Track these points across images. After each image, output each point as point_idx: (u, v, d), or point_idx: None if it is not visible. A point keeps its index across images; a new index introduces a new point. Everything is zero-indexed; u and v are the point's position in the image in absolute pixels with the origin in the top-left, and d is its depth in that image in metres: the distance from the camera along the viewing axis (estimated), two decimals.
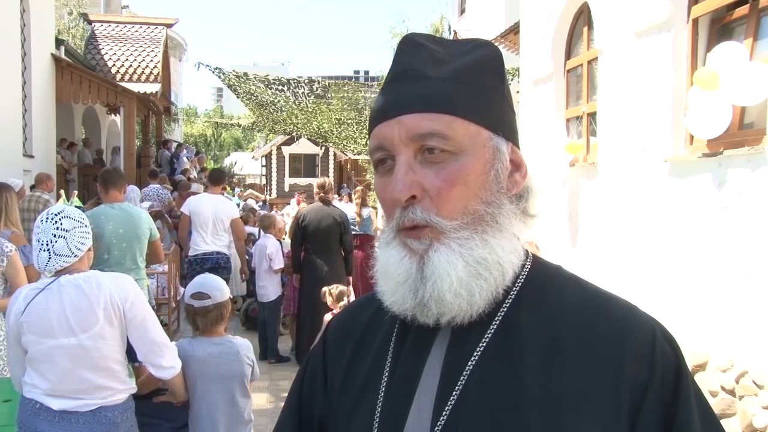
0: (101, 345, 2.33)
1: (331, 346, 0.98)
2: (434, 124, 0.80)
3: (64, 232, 2.37)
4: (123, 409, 2.43)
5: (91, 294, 2.33)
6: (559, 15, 6.44)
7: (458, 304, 0.79)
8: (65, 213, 2.42)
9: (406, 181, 0.80)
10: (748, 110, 4.02)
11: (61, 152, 11.67)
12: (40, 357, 2.33)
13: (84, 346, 2.31)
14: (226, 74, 14.18)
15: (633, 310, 0.83)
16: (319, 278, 6.29)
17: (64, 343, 2.30)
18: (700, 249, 4.22)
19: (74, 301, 2.31)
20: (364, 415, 0.86)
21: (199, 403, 2.77)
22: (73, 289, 2.33)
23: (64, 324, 2.30)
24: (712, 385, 4.01)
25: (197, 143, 39.10)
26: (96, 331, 2.32)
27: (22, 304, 2.35)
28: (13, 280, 3.55)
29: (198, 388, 2.75)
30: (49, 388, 2.32)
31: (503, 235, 0.82)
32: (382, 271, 0.86)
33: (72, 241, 2.38)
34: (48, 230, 2.37)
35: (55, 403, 2.31)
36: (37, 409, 2.34)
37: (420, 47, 0.86)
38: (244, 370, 2.84)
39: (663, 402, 0.76)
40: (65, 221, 2.39)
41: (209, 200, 6.47)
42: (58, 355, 2.31)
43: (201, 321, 2.85)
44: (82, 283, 2.34)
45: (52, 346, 2.31)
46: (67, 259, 2.37)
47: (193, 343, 2.85)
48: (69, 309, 2.31)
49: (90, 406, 2.34)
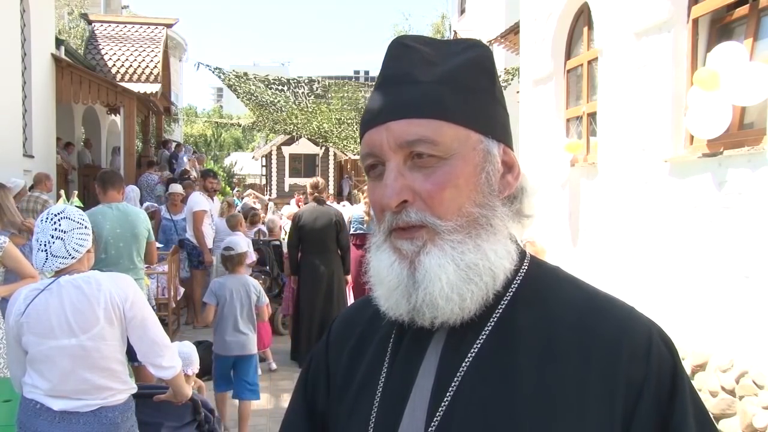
0: (102, 345, 2.33)
1: (333, 344, 0.99)
2: (422, 130, 0.80)
3: (62, 233, 2.37)
4: (123, 410, 2.43)
5: (91, 294, 2.33)
6: (559, 15, 6.44)
7: (450, 308, 0.79)
8: (65, 214, 2.41)
9: (395, 187, 0.80)
10: (748, 110, 4.02)
11: (60, 153, 11.66)
12: (40, 358, 2.33)
13: (84, 347, 2.31)
14: (226, 74, 14.16)
15: (630, 311, 0.83)
16: (316, 279, 6.30)
17: (64, 343, 2.30)
18: (700, 249, 4.22)
19: (74, 301, 2.31)
20: (360, 415, 0.86)
21: (227, 312, 4.58)
22: (73, 290, 2.33)
23: (64, 325, 2.30)
24: (712, 385, 4.01)
25: (197, 143, 39.09)
26: (96, 332, 2.32)
27: (22, 305, 2.35)
28: (17, 270, 3.57)
29: (227, 305, 4.59)
30: (50, 388, 2.32)
31: (497, 239, 0.82)
32: (375, 275, 0.86)
33: (69, 243, 2.38)
34: (46, 231, 2.37)
35: (55, 403, 2.31)
36: (37, 409, 2.33)
37: (409, 49, 0.86)
38: (251, 295, 4.69)
39: (658, 403, 0.76)
40: (64, 222, 2.38)
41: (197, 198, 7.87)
42: (58, 356, 2.30)
43: (229, 264, 4.76)
44: (82, 284, 2.34)
45: (52, 347, 2.30)
46: (64, 261, 2.37)
47: (225, 278, 4.76)
48: (69, 310, 2.31)
49: (91, 407, 2.34)
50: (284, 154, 28.36)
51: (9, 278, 3.72)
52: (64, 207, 2.49)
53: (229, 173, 33.77)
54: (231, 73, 14.41)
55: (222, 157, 40.71)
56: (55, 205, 2.59)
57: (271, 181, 28.66)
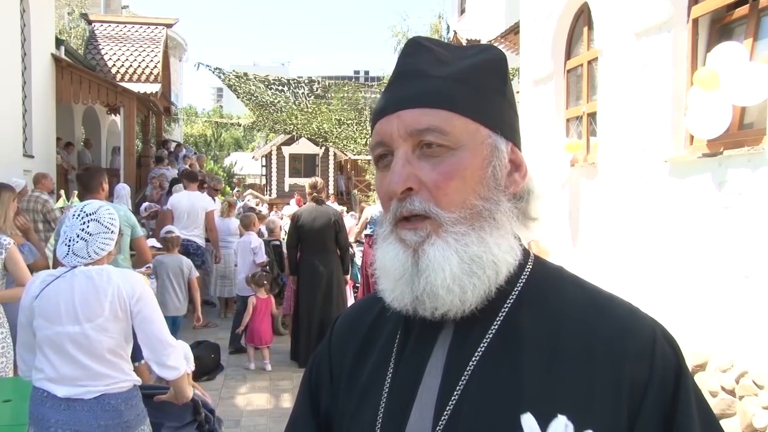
0: (104, 337, 2.39)
1: (336, 343, 0.99)
2: (432, 119, 0.81)
3: (87, 235, 2.44)
4: (127, 398, 2.46)
5: (100, 286, 2.39)
6: (559, 15, 6.44)
7: (450, 300, 0.80)
8: (95, 216, 2.48)
9: (402, 173, 0.81)
10: (748, 110, 4.02)
11: (60, 153, 11.66)
12: (47, 342, 2.40)
13: (87, 336, 2.37)
14: (226, 74, 14.18)
15: (634, 310, 0.83)
16: (315, 279, 6.30)
17: (69, 330, 2.37)
18: (700, 249, 4.22)
19: (83, 291, 2.39)
20: (367, 414, 0.86)
21: (167, 283, 6.06)
22: (84, 280, 2.40)
23: (71, 311, 2.37)
24: (712, 385, 4.01)
25: (197, 143, 39.08)
26: (100, 323, 2.38)
27: (37, 289, 2.42)
28: (14, 274, 3.57)
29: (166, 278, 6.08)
30: (54, 373, 2.39)
31: (500, 233, 0.83)
32: (380, 268, 0.86)
33: (92, 245, 2.45)
34: (74, 227, 2.45)
35: (59, 390, 2.37)
36: (44, 397, 2.40)
37: (424, 49, 0.87)
38: (184, 269, 6.17)
39: (663, 403, 0.76)
40: (92, 225, 2.46)
41: (186, 196, 7.76)
42: (62, 341, 2.37)
43: (169, 245, 6.22)
44: (94, 275, 2.42)
45: (58, 332, 2.38)
46: (83, 260, 2.44)
47: (164, 257, 6.17)
48: (78, 298, 2.38)
49: (93, 393, 2.39)
50: (284, 154, 28.36)
51: (10, 282, 3.70)
52: (98, 208, 2.53)
53: (229, 173, 33.78)
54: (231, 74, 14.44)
55: (222, 157, 40.70)
56: (91, 202, 2.61)
57: (271, 181, 28.66)
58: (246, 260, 7.33)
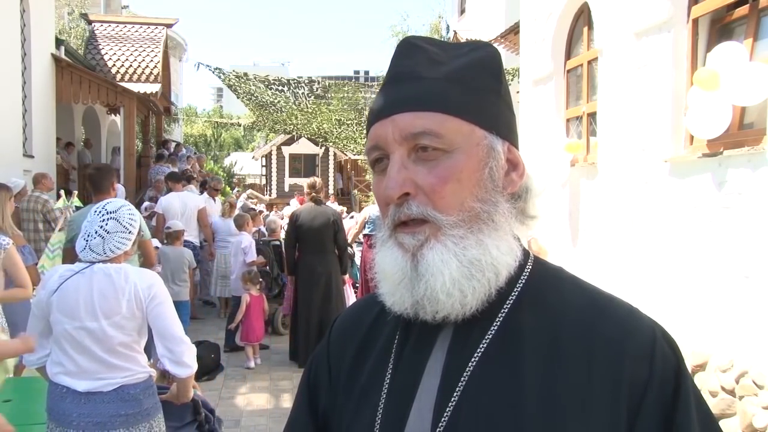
0: (120, 334, 2.44)
1: (335, 344, 0.99)
2: (426, 122, 0.81)
3: (105, 233, 2.49)
4: (144, 387, 2.52)
5: (118, 284, 2.44)
6: (559, 15, 6.44)
7: (451, 303, 0.80)
8: (116, 215, 2.52)
9: (398, 178, 0.80)
10: (748, 110, 4.02)
11: (60, 153, 11.66)
12: (65, 336, 2.44)
13: (105, 332, 2.42)
14: (226, 74, 14.17)
15: (633, 311, 0.83)
16: (313, 278, 6.30)
17: (87, 326, 2.42)
18: (700, 249, 4.22)
19: (102, 288, 2.43)
20: (366, 415, 0.86)
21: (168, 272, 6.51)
22: (103, 277, 2.45)
23: (90, 308, 2.42)
24: (712, 385, 4.01)
25: (197, 143, 39.07)
26: (117, 320, 2.43)
27: (55, 284, 2.46)
28: (13, 274, 3.56)
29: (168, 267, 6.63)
30: (74, 367, 2.43)
31: (499, 235, 0.82)
32: (380, 272, 0.86)
33: (109, 244, 2.49)
34: (94, 223, 2.50)
35: (80, 384, 2.42)
36: (64, 393, 2.44)
37: (417, 49, 0.87)
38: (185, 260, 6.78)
39: (662, 403, 0.76)
40: (110, 223, 2.50)
41: (176, 197, 7.89)
42: (81, 337, 2.42)
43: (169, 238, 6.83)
44: (113, 273, 2.46)
45: (76, 327, 2.42)
46: (99, 257, 2.48)
47: (168, 248, 6.72)
48: (96, 295, 2.42)
49: (112, 385, 2.44)
50: (284, 154, 28.36)
51: (9, 284, 3.69)
52: (119, 207, 2.57)
53: (229, 173, 33.76)
54: (231, 74, 14.42)
55: (222, 157, 40.67)
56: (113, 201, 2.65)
57: (271, 181, 28.67)
58: (238, 260, 7.40)
